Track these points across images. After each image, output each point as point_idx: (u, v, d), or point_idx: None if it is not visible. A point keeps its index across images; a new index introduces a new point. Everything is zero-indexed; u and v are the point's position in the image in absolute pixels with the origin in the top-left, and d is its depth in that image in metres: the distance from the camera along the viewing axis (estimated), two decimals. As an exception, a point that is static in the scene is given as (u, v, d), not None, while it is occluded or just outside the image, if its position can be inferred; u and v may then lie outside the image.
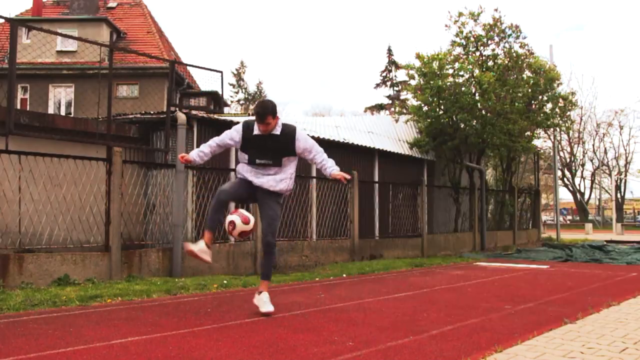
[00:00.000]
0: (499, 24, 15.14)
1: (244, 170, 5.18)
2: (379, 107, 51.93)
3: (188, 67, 22.66)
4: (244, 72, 56.43)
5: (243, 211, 5.15)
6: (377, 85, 53.83)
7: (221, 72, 9.02)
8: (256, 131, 5.05)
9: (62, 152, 7.45)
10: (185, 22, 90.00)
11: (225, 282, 7.34)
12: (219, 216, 5.11)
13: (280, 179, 5.14)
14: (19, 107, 19.29)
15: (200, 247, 5.03)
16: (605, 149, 46.31)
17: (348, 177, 5.14)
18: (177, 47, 68.89)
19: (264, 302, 5.06)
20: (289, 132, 5.10)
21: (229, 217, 5.08)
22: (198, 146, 9.04)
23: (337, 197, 11.49)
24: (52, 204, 7.53)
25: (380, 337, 4.17)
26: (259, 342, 3.94)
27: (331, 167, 5.17)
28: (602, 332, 4.37)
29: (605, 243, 16.50)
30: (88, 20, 23.64)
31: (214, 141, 5.30)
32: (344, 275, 8.67)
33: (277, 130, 5.05)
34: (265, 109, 4.95)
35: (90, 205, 7.79)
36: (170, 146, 8.64)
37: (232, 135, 5.18)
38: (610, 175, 44.93)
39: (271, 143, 5.04)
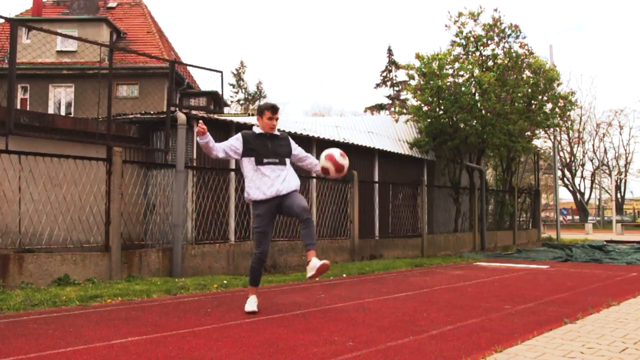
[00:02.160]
0: (498, 24, 15.15)
1: (258, 185, 5.12)
2: (379, 107, 51.95)
3: (188, 67, 22.66)
4: (243, 72, 56.46)
5: (327, 153, 5.29)
6: (377, 85, 53.85)
7: (221, 72, 9.02)
8: (258, 130, 5.27)
9: (62, 152, 7.45)
10: (185, 22, 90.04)
11: (225, 282, 7.34)
12: (261, 271, 5.37)
13: (291, 179, 5.25)
14: (19, 107, 19.28)
15: (253, 302, 5.26)
16: (605, 149, 46.39)
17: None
18: (177, 47, 68.93)
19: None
20: (285, 135, 5.46)
21: (323, 163, 5.27)
22: (198, 147, 9.11)
23: (337, 197, 11.49)
24: (52, 204, 7.53)
25: (380, 337, 4.17)
26: (259, 342, 3.94)
27: (318, 161, 5.50)
28: (602, 332, 4.37)
29: (605, 243, 16.51)
30: (88, 20, 23.63)
31: (225, 147, 5.25)
32: (344, 275, 8.67)
33: (277, 132, 5.38)
34: (277, 106, 5.35)
35: (90, 205, 7.79)
36: (170, 146, 8.64)
37: (235, 146, 5.22)
38: (610, 175, 44.96)
39: (272, 144, 5.24)
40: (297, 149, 5.48)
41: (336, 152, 5.26)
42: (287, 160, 5.31)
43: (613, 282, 8.05)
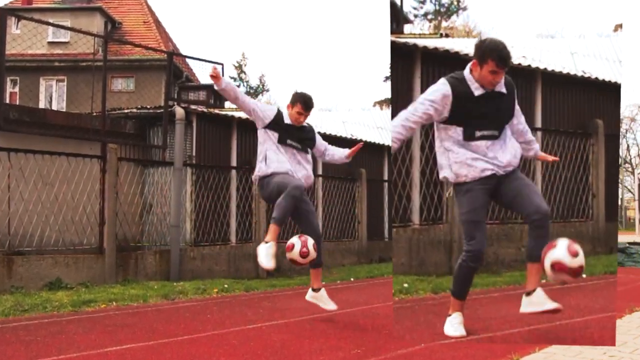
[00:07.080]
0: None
1: (280, 161, 4.92)
2: (389, 101, 51.88)
3: (187, 59, 22.65)
4: (245, 65, 56.30)
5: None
6: (387, 77, 53.76)
7: (222, 64, 9.03)
8: (287, 120, 5.06)
9: (53, 149, 7.46)
10: (184, 12, 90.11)
11: (226, 286, 7.35)
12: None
13: (310, 172, 5.13)
14: (8, 101, 19.36)
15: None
16: (627, 145, 46.08)
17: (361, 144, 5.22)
18: (176, 38, 68.79)
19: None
20: (311, 128, 5.27)
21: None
22: (197, 143, 9.13)
23: (344, 197, 11.48)
24: (43, 203, 7.55)
25: (389, 344, 4.17)
26: (261, 349, 3.94)
27: (341, 150, 5.33)
28: (624, 339, 4.34)
29: (628, 245, 16.41)
30: (81, 10, 23.66)
31: (254, 105, 5.10)
32: (352, 279, 8.66)
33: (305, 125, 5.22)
34: (312, 102, 5.13)
35: (83, 205, 7.81)
36: (168, 143, 8.66)
37: (267, 112, 5.03)
38: (633, 173, 44.71)
39: (298, 134, 5.07)
40: (320, 141, 5.31)
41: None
42: (308, 150, 5.16)
43: (636, 286, 8.00)
